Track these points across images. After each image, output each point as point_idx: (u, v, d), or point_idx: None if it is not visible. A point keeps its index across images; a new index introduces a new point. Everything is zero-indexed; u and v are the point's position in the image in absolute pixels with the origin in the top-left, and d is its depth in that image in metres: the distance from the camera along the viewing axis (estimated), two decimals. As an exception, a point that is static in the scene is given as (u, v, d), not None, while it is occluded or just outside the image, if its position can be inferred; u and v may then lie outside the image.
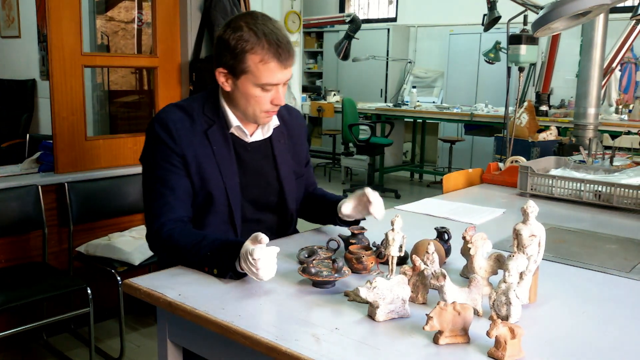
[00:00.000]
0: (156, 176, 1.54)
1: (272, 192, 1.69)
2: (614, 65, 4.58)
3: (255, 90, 1.50)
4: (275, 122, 1.66)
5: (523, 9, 3.55)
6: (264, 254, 1.27)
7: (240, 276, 1.37)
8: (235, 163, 1.60)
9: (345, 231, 1.66)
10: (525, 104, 4.76)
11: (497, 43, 6.56)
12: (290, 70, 1.53)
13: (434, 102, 8.38)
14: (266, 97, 1.51)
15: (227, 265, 1.36)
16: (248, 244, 1.30)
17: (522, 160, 2.70)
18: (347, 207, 1.62)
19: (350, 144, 7.05)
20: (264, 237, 1.28)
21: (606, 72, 4.43)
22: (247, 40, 1.45)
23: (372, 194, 1.57)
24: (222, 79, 1.53)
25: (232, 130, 1.60)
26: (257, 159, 1.65)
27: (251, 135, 1.63)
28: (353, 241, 1.52)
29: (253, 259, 1.26)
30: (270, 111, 1.55)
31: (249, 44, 1.45)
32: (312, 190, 1.86)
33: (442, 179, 2.71)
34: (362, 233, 1.55)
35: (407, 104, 7.60)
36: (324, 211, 1.75)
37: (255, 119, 1.57)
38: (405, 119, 7.71)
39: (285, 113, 1.74)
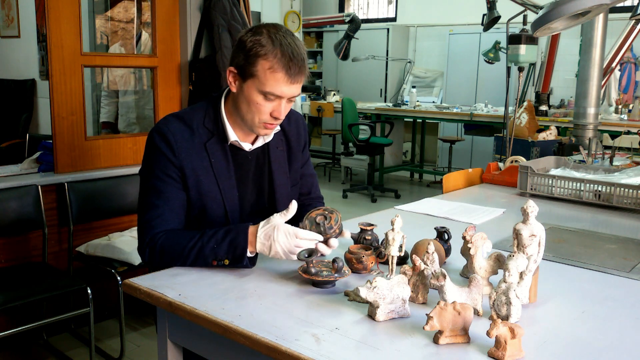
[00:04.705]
0: (152, 187, 1.53)
1: (266, 199, 1.68)
2: (613, 65, 4.58)
3: (258, 97, 1.48)
4: (276, 127, 1.65)
5: (522, 8, 3.55)
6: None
7: (252, 261, 1.42)
8: (233, 175, 1.59)
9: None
10: (525, 103, 4.76)
11: (497, 43, 6.57)
12: (298, 88, 1.50)
13: (433, 102, 8.38)
14: (267, 107, 1.49)
15: (240, 250, 1.40)
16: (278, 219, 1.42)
17: (522, 160, 2.70)
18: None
19: (350, 144, 7.06)
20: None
21: (606, 71, 4.43)
22: (263, 45, 1.45)
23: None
24: (231, 79, 1.53)
25: (231, 142, 1.59)
26: (254, 165, 1.65)
27: (252, 144, 1.62)
28: (368, 237, 1.54)
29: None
30: (268, 123, 1.52)
31: (263, 49, 1.45)
32: (310, 203, 1.80)
33: (442, 179, 2.71)
34: (372, 230, 1.56)
35: (407, 104, 7.60)
36: None
37: (252, 127, 1.54)
38: (405, 119, 7.71)
39: (285, 120, 1.71)
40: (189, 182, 1.53)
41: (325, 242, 1.44)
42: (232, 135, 1.57)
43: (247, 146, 1.60)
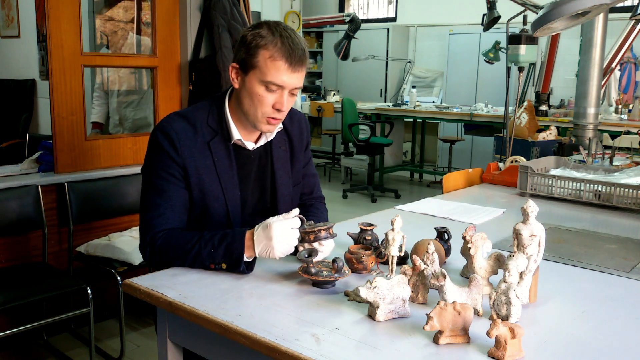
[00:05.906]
0: (154, 186, 1.53)
1: (268, 198, 1.68)
2: (613, 65, 4.58)
3: (260, 88, 1.48)
4: (279, 125, 1.65)
5: (522, 8, 3.55)
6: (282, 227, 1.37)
7: (250, 266, 1.41)
8: (236, 175, 1.59)
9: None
10: (525, 103, 4.76)
11: (497, 43, 6.57)
12: (299, 79, 1.51)
13: (433, 102, 8.38)
14: (269, 99, 1.49)
15: (236, 255, 1.39)
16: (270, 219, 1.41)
17: (522, 160, 2.70)
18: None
19: (350, 144, 7.06)
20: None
21: (606, 71, 4.43)
22: (263, 36, 1.47)
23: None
24: (233, 75, 1.54)
25: (234, 141, 1.60)
26: (256, 165, 1.65)
27: (255, 143, 1.62)
28: (368, 237, 1.54)
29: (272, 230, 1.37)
30: (271, 117, 1.52)
31: (263, 39, 1.47)
32: (312, 204, 1.81)
33: (442, 179, 2.71)
34: (372, 230, 1.56)
35: (407, 104, 7.60)
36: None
37: (255, 122, 1.54)
38: (405, 119, 7.71)
39: (287, 119, 1.72)
40: (192, 180, 1.53)
41: (302, 240, 1.43)
42: (236, 134, 1.57)
43: (250, 145, 1.60)
